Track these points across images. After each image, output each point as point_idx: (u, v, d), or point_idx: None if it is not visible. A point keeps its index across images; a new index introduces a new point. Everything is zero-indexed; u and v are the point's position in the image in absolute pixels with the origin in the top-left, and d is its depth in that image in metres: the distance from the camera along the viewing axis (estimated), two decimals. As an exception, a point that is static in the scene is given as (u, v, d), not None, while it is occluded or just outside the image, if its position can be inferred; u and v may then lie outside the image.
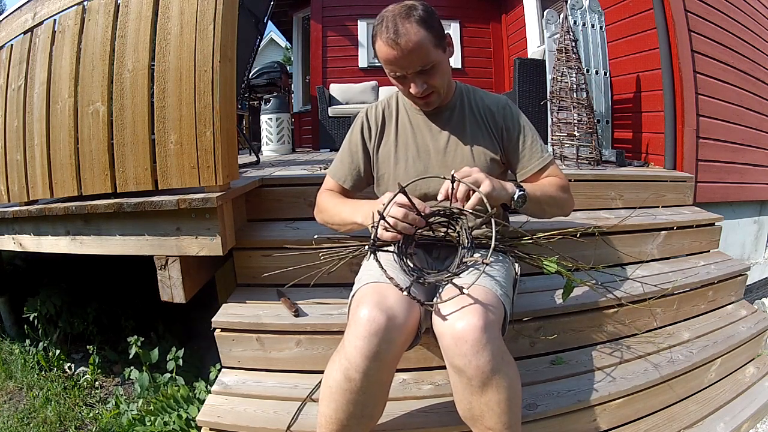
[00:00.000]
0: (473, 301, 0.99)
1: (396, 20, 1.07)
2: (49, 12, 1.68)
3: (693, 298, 1.80)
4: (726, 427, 1.42)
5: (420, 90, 1.15)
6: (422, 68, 1.12)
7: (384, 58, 1.11)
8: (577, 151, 2.58)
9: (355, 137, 1.34)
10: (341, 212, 1.25)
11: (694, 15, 2.53)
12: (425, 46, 1.08)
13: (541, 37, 4.34)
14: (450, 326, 0.97)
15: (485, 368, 0.93)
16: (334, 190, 1.36)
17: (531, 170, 1.28)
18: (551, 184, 1.25)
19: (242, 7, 2.36)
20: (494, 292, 1.06)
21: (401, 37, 1.06)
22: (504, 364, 0.96)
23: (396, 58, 1.08)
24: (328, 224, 1.32)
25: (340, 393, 0.99)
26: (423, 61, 1.10)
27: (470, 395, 0.97)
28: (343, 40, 5.44)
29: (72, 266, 2.49)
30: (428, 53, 1.10)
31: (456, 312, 0.98)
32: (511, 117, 1.29)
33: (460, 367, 0.95)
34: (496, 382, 0.95)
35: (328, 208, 1.31)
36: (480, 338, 0.94)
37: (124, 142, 1.51)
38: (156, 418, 1.56)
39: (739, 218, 2.79)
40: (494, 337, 0.97)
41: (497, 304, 1.04)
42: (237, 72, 1.57)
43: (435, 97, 1.21)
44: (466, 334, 0.94)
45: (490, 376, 0.94)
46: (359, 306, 1.01)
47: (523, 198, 1.13)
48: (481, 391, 0.95)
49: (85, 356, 2.24)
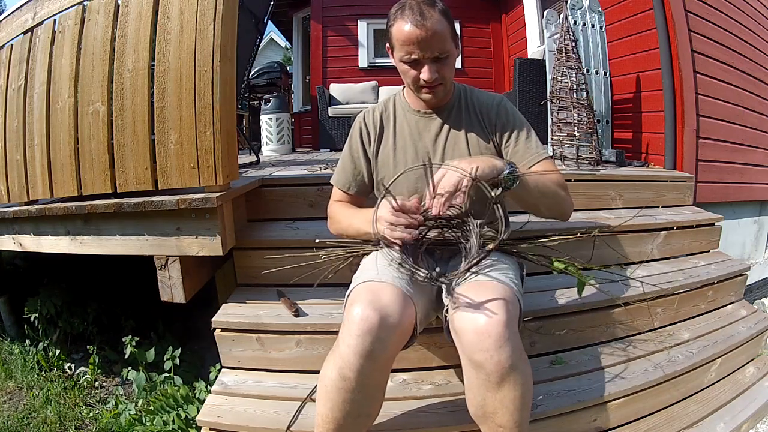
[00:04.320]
0: (494, 296, 0.99)
1: (421, 5, 1.12)
2: (49, 12, 1.68)
3: (693, 298, 1.80)
4: (726, 427, 1.42)
5: (431, 76, 1.16)
6: (439, 55, 1.14)
7: (406, 38, 1.12)
8: (577, 151, 2.58)
9: (354, 143, 1.34)
10: (353, 223, 1.27)
11: (694, 15, 2.53)
12: (445, 34, 1.14)
13: (541, 37, 4.34)
14: (473, 321, 0.97)
15: (505, 364, 0.93)
16: (344, 201, 1.38)
17: (525, 165, 1.28)
18: (548, 177, 1.25)
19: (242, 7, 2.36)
20: (511, 288, 1.06)
21: (428, 20, 1.10)
22: (521, 361, 0.97)
23: (419, 38, 1.11)
24: (343, 236, 1.33)
25: (335, 392, 0.99)
26: (441, 48, 1.14)
27: (486, 391, 0.97)
28: (343, 40, 5.44)
29: (72, 266, 2.49)
30: (447, 41, 1.15)
31: (477, 306, 0.98)
32: (505, 114, 1.30)
33: (480, 362, 0.95)
34: (513, 379, 0.95)
35: (340, 219, 1.33)
36: (503, 333, 0.94)
37: (124, 142, 1.51)
38: (155, 418, 1.56)
39: (739, 218, 2.79)
40: (514, 332, 0.97)
41: (515, 300, 1.04)
42: (237, 72, 1.57)
43: (441, 89, 1.22)
44: (490, 328, 0.94)
45: (509, 371, 0.94)
46: (353, 305, 1.01)
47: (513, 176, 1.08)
48: (498, 387, 0.95)
49: (85, 356, 2.24)
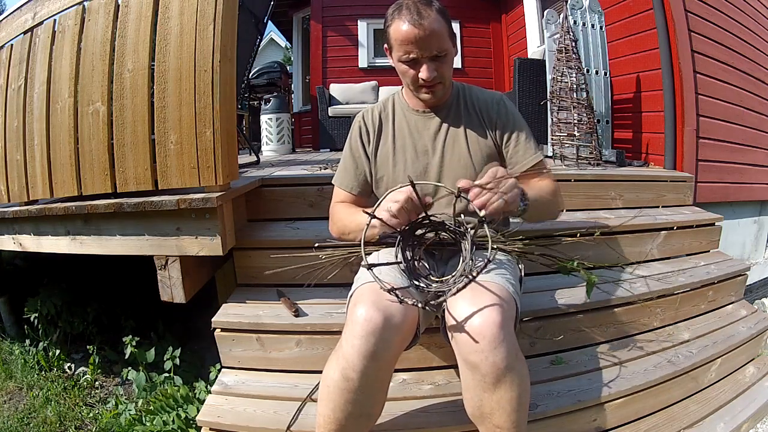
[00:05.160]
0: (489, 297, 0.99)
1: (418, 5, 1.13)
2: (49, 12, 1.68)
3: (693, 298, 1.80)
4: (726, 427, 1.42)
5: (430, 75, 1.16)
6: (437, 53, 1.15)
7: (404, 37, 1.13)
8: (577, 151, 2.58)
9: (354, 143, 1.34)
10: (356, 221, 1.25)
11: (694, 15, 2.53)
12: (443, 33, 1.15)
13: (541, 37, 4.34)
14: (467, 322, 0.96)
15: (500, 365, 0.93)
16: (346, 201, 1.36)
17: (524, 166, 1.28)
18: (547, 191, 1.24)
19: (242, 7, 2.36)
20: (507, 289, 1.06)
21: (425, 19, 1.11)
22: (517, 362, 0.97)
23: (417, 38, 1.12)
24: (344, 236, 1.31)
25: (338, 393, 0.99)
26: (439, 47, 1.14)
27: (482, 392, 0.97)
28: (343, 40, 5.44)
29: (72, 266, 2.49)
30: (444, 40, 1.16)
31: (472, 307, 0.98)
32: (506, 113, 1.30)
33: (475, 363, 0.95)
34: (509, 379, 0.94)
35: (342, 218, 1.31)
36: (497, 334, 0.94)
37: (124, 142, 1.51)
38: (155, 418, 1.56)
39: (739, 218, 2.79)
40: (510, 333, 0.97)
41: (510, 301, 1.04)
42: (237, 72, 1.57)
43: (440, 88, 1.22)
44: (484, 329, 0.94)
45: (505, 372, 0.94)
46: (356, 305, 1.01)
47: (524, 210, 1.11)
48: (494, 388, 0.95)
49: (85, 356, 2.24)
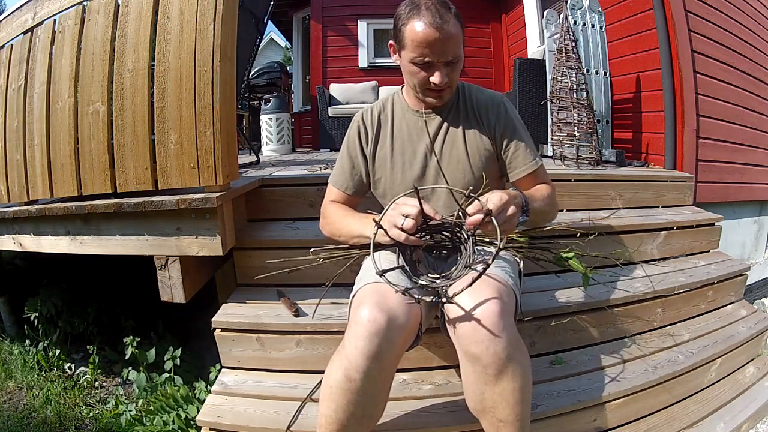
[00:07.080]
0: (489, 289, 0.99)
1: (437, 7, 1.09)
2: (49, 12, 1.68)
3: (693, 298, 1.80)
4: (726, 427, 1.42)
5: (443, 81, 1.14)
6: (452, 59, 1.13)
7: (422, 39, 1.09)
8: (577, 151, 2.58)
9: (352, 142, 1.33)
10: (349, 224, 1.24)
11: (694, 15, 2.53)
12: (459, 38, 1.12)
13: (541, 37, 4.34)
14: (467, 312, 0.96)
15: (502, 354, 0.93)
16: (339, 201, 1.35)
17: (523, 171, 1.27)
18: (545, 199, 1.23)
19: (242, 7, 2.36)
20: (506, 281, 1.07)
21: (446, 23, 1.08)
22: (519, 352, 0.97)
23: (436, 41, 1.08)
24: (335, 236, 1.30)
25: (340, 393, 0.99)
26: (455, 52, 1.12)
27: (483, 385, 0.96)
28: (343, 40, 5.43)
29: (72, 266, 2.49)
30: (459, 46, 1.13)
31: (472, 299, 0.97)
32: (506, 117, 1.28)
33: (476, 354, 0.95)
34: (511, 370, 0.94)
35: (335, 220, 1.30)
36: (497, 323, 0.94)
37: (124, 142, 1.51)
38: (155, 418, 1.56)
39: (739, 218, 2.79)
40: (510, 323, 0.97)
41: (510, 292, 1.04)
42: (237, 72, 1.57)
43: (448, 92, 1.21)
44: (484, 319, 0.94)
45: (506, 362, 0.94)
46: (360, 306, 1.01)
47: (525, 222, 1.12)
48: (496, 379, 0.95)
49: (85, 356, 2.24)
